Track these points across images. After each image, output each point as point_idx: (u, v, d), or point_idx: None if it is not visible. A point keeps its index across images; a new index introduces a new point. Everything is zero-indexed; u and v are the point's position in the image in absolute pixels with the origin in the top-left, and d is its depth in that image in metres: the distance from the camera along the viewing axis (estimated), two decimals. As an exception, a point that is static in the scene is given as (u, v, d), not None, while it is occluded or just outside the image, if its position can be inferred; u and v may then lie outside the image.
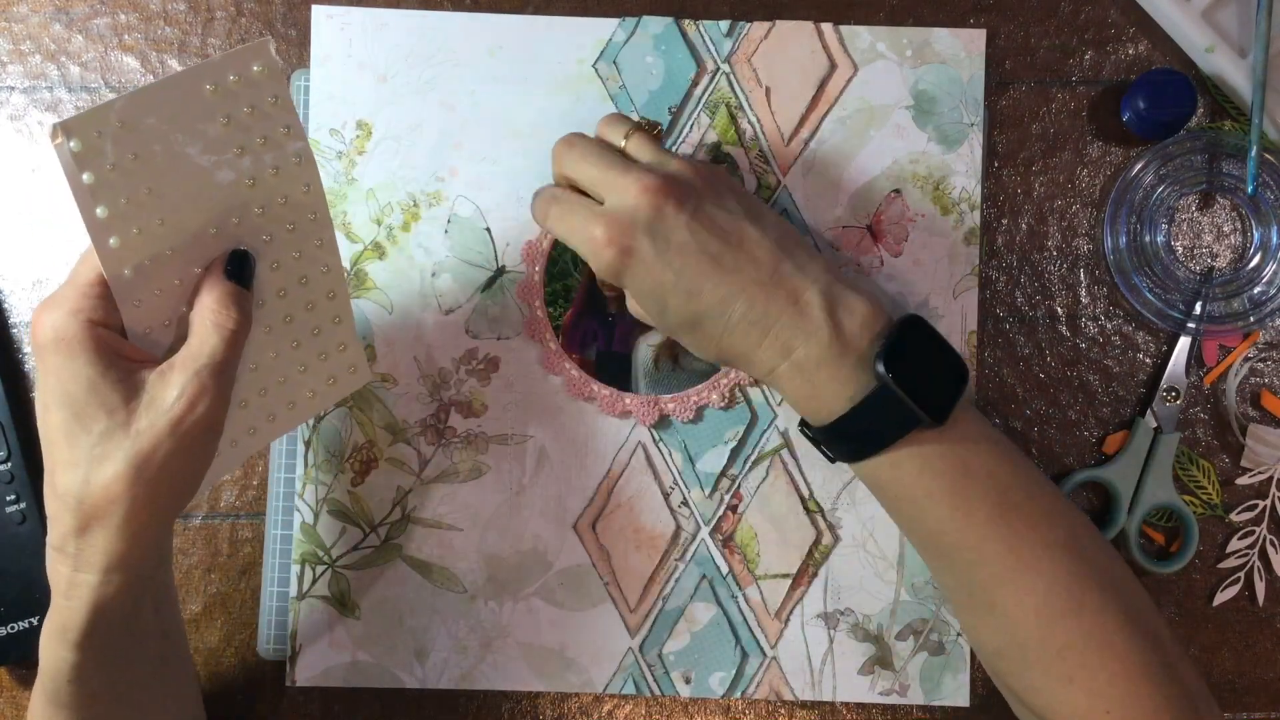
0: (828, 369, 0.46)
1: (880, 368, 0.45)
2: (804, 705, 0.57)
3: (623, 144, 0.50)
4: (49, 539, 0.43)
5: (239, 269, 0.45)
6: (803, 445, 0.57)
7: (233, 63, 0.43)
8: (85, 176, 0.41)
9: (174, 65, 0.58)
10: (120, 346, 0.42)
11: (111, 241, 0.42)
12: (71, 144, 0.41)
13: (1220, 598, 0.58)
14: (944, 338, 0.48)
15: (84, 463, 0.41)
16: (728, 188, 0.49)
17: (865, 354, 0.46)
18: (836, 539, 0.57)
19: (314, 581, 0.57)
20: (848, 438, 0.47)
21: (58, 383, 0.41)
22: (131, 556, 0.42)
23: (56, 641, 0.43)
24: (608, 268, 0.47)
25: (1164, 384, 0.57)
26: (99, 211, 0.41)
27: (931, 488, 0.46)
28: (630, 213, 0.46)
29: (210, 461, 0.44)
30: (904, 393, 0.45)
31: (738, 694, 0.57)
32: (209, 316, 0.43)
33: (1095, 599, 0.45)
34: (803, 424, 0.50)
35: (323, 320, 0.51)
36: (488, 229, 0.57)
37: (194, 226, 0.44)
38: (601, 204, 0.48)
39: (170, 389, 0.41)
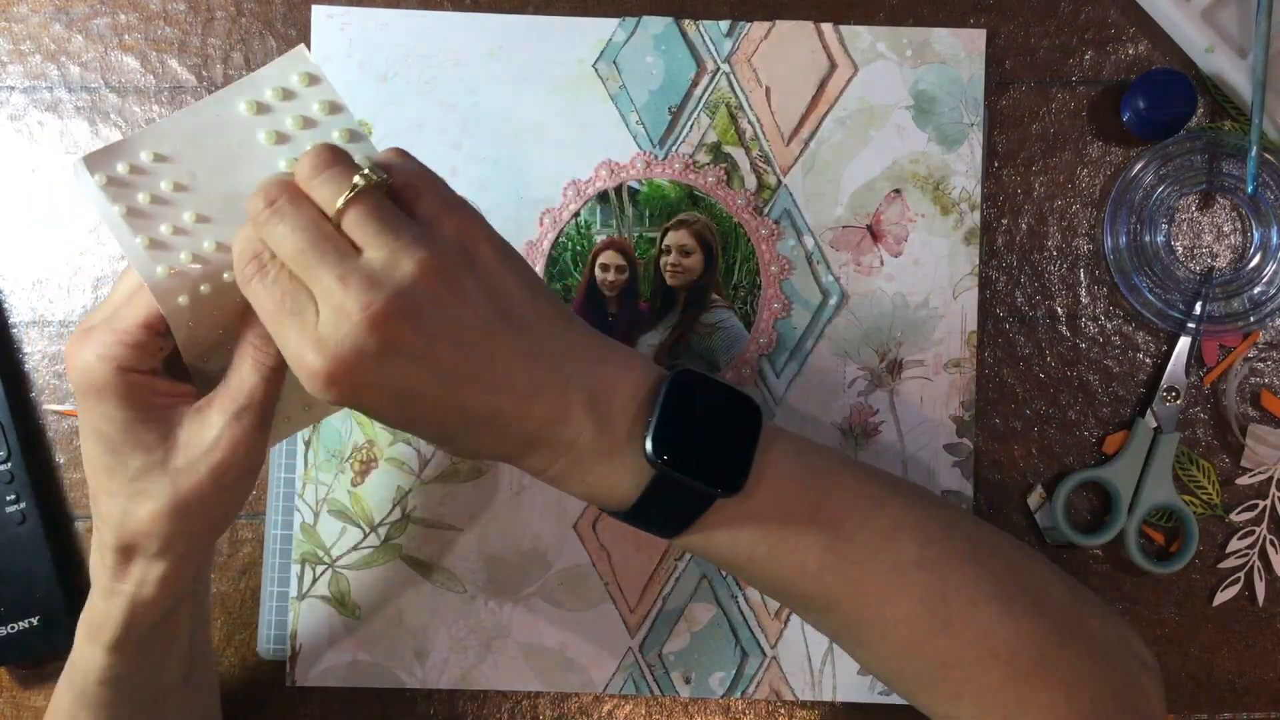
0: (600, 466, 0.40)
1: (649, 450, 0.39)
2: (804, 705, 0.57)
3: (338, 206, 0.38)
4: (94, 539, 0.43)
5: None
6: (803, 445, 0.57)
7: (269, 77, 0.42)
8: (117, 209, 0.40)
9: (174, 65, 0.58)
10: (154, 386, 0.41)
11: (159, 271, 0.40)
12: (96, 178, 0.40)
13: (1220, 598, 0.58)
14: (723, 382, 0.42)
15: (123, 495, 0.41)
16: (475, 277, 0.39)
17: (635, 438, 0.40)
18: (836, 539, 0.57)
19: (314, 581, 0.57)
20: (647, 523, 0.42)
21: (92, 421, 0.41)
22: (169, 578, 0.42)
23: (90, 641, 0.44)
24: (331, 401, 0.38)
25: (1164, 384, 0.57)
26: (138, 241, 0.40)
27: (753, 553, 0.41)
28: (352, 343, 0.36)
29: (249, 492, 0.44)
30: (686, 470, 0.39)
31: (738, 694, 0.57)
32: (249, 352, 0.41)
33: (962, 609, 0.41)
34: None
35: None
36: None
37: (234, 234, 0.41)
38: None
39: (208, 430, 0.40)
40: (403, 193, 0.39)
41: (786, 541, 0.41)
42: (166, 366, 0.42)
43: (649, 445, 0.39)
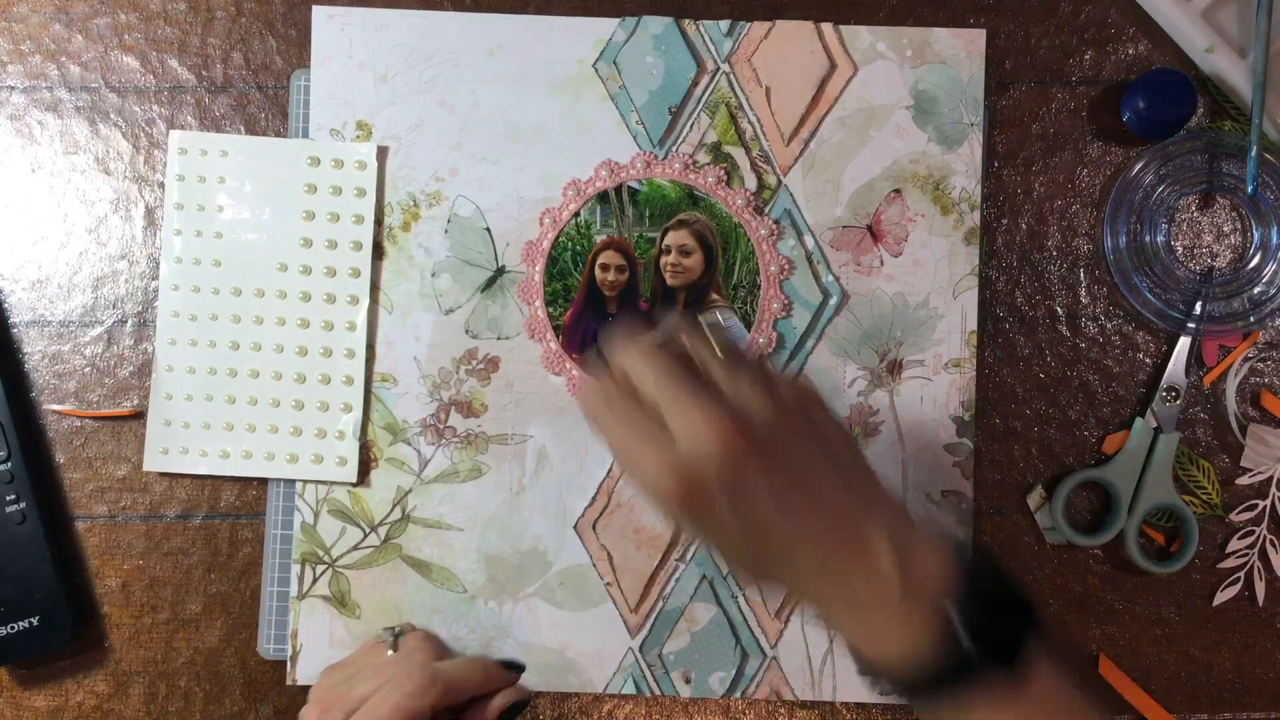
0: (889, 612, 0.42)
1: (952, 612, 0.42)
2: (804, 705, 0.57)
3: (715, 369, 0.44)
4: None
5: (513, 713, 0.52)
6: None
7: (335, 150, 0.57)
8: (177, 169, 0.56)
9: (174, 65, 0.58)
10: None
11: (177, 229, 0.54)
12: (179, 147, 0.55)
13: (1220, 598, 0.58)
14: (1013, 576, 0.44)
15: None
16: (807, 421, 0.44)
17: (934, 600, 0.42)
18: (836, 539, 0.57)
19: (314, 581, 0.57)
20: (909, 684, 0.43)
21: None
22: None
23: None
24: (673, 517, 0.42)
25: (1164, 384, 0.57)
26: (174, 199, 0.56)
27: None
28: (702, 459, 0.40)
29: None
30: (972, 639, 0.41)
31: (738, 694, 0.57)
32: None
33: None
34: (865, 668, 0.46)
35: (333, 398, 0.56)
36: (488, 229, 0.57)
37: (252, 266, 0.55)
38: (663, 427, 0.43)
39: None
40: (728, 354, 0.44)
41: None
42: None
43: (952, 607, 0.42)
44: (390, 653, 0.53)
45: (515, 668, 0.54)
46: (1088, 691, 0.45)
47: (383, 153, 0.57)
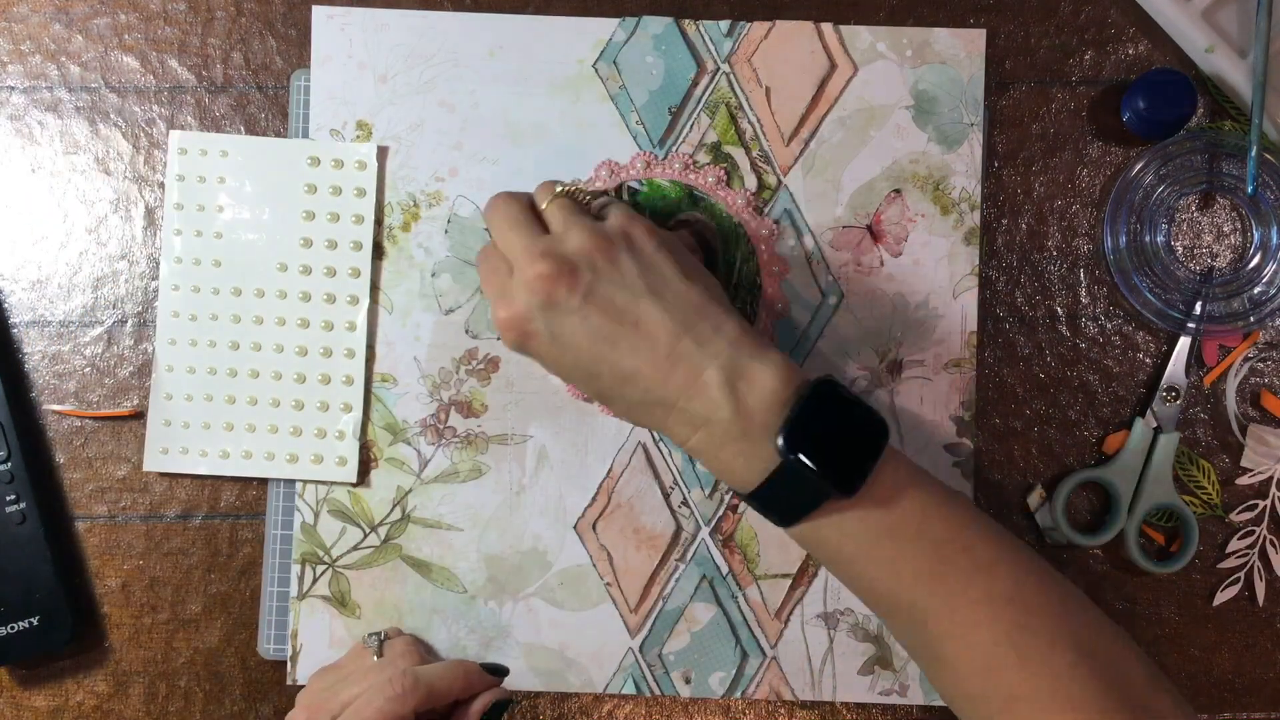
0: (732, 445, 0.45)
1: (781, 444, 0.44)
2: (804, 705, 0.57)
3: (542, 207, 0.49)
4: None
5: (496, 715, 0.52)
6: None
7: (335, 150, 0.56)
8: (177, 169, 0.55)
9: (174, 65, 0.58)
10: None
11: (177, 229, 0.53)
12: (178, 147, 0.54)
13: (1220, 598, 0.58)
14: (858, 398, 0.46)
15: None
16: (632, 256, 0.46)
17: (769, 428, 0.44)
18: (836, 539, 0.57)
19: (314, 581, 0.57)
20: (765, 506, 0.46)
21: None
22: None
23: None
24: (511, 346, 0.47)
25: (1164, 384, 0.57)
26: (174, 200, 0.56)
27: (855, 552, 0.46)
28: (525, 297, 0.45)
29: None
30: (813, 464, 0.43)
31: (738, 694, 0.57)
32: None
33: (1042, 648, 0.43)
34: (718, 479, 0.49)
35: (333, 398, 0.56)
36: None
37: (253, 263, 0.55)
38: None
39: None
40: (591, 206, 0.50)
41: (888, 548, 0.45)
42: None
43: (781, 440, 0.44)
44: (375, 658, 0.53)
45: (498, 672, 0.54)
46: (948, 496, 0.47)
47: (383, 153, 0.57)
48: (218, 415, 0.56)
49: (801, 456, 0.43)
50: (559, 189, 0.49)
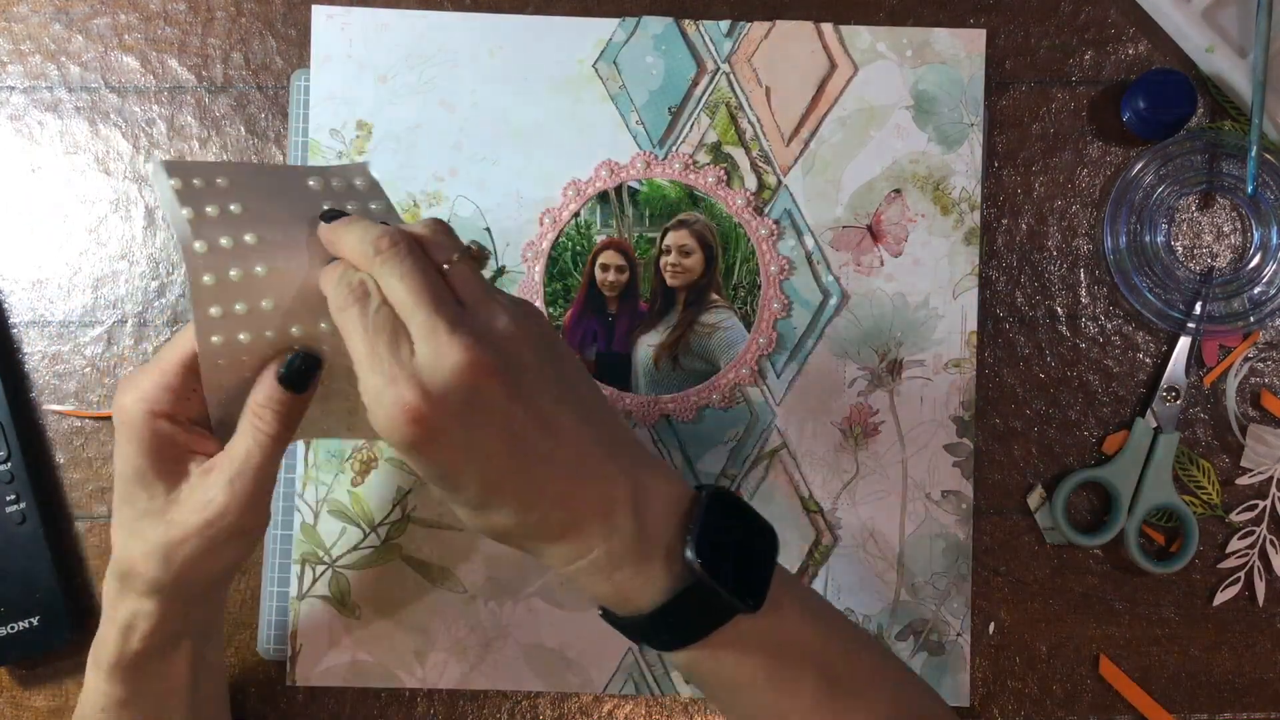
0: (630, 566, 0.40)
1: (690, 557, 0.40)
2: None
3: (445, 267, 0.40)
4: (110, 562, 0.45)
5: (294, 374, 0.42)
6: (803, 445, 0.57)
7: (337, 173, 0.45)
8: (185, 211, 0.41)
9: (174, 65, 0.58)
10: (175, 437, 0.43)
11: (206, 279, 0.41)
12: (172, 181, 0.41)
13: (1220, 598, 0.58)
14: (751, 506, 0.43)
15: (126, 529, 0.44)
16: (552, 354, 0.41)
17: (673, 545, 0.40)
18: (836, 539, 0.57)
19: (314, 581, 0.57)
20: (662, 629, 0.41)
21: (117, 457, 0.44)
22: (156, 617, 0.44)
23: (94, 665, 0.46)
24: (401, 441, 0.37)
25: (1164, 384, 0.57)
26: (197, 246, 0.40)
27: (754, 676, 0.42)
28: (444, 385, 0.36)
29: (248, 554, 0.46)
30: (718, 581, 0.39)
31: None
32: (250, 418, 0.42)
33: None
34: (603, 611, 0.43)
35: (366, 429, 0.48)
36: (488, 229, 0.57)
37: (286, 295, 0.42)
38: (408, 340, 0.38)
39: (208, 490, 0.42)
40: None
41: (787, 672, 0.42)
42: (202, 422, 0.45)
43: (690, 551, 0.40)
44: None
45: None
46: (833, 612, 0.46)
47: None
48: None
49: (707, 570, 0.39)
50: (465, 246, 0.41)
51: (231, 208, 0.41)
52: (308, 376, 0.43)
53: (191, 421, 0.44)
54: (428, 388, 0.36)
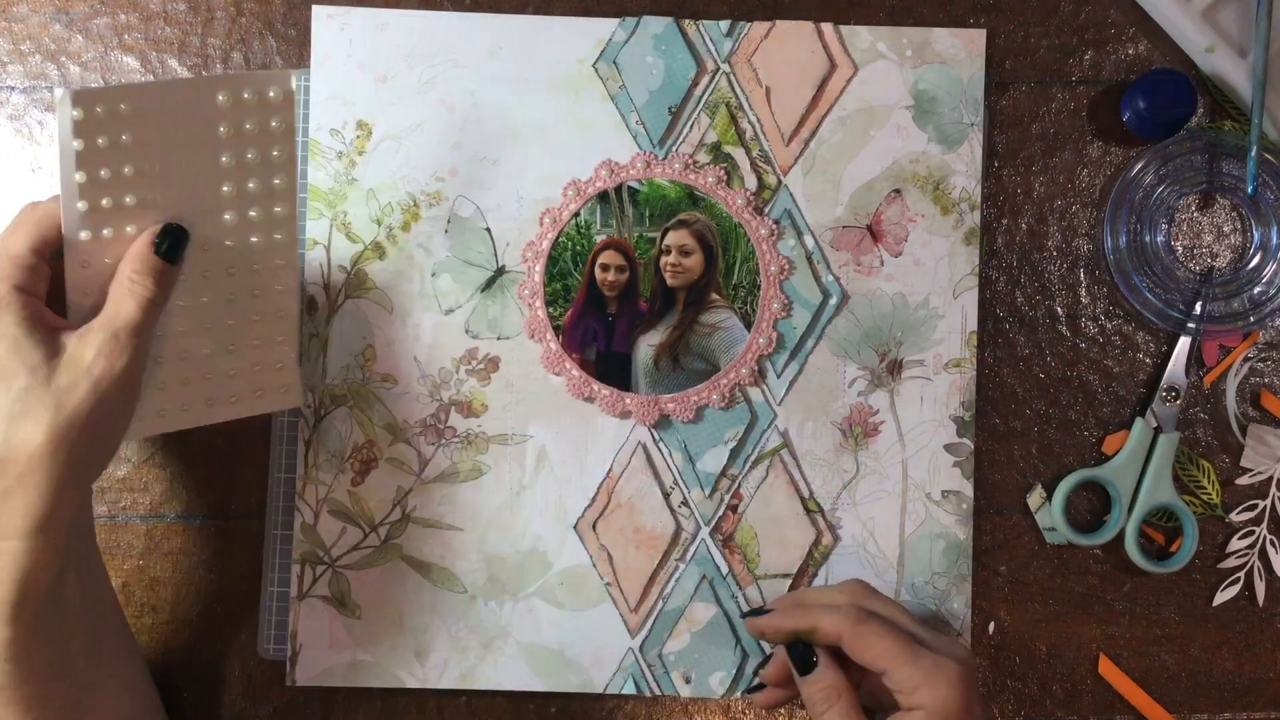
0: None
1: None
2: (804, 705, 0.57)
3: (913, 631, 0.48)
4: None
5: (169, 244, 0.47)
6: (803, 445, 0.57)
7: (251, 81, 0.48)
8: (76, 143, 0.45)
9: (174, 65, 0.58)
10: (43, 312, 0.45)
11: (79, 205, 0.46)
12: (74, 112, 0.44)
13: (1220, 598, 0.58)
14: None
15: (4, 420, 0.43)
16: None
17: None
18: (836, 539, 0.57)
19: (314, 581, 0.57)
20: None
21: None
22: (53, 518, 0.43)
23: None
24: (954, 709, 0.45)
25: (1164, 384, 0.57)
26: (77, 177, 0.45)
27: None
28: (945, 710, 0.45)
29: (128, 423, 0.47)
30: None
31: (738, 694, 0.57)
32: (126, 285, 0.46)
33: None
34: None
35: (265, 335, 0.53)
36: (488, 229, 0.57)
37: (165, 214, 0.48)
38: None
39: (89, 348, 0.44)
40: None
41: None
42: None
43: None
44: None
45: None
46: None
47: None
48: (149, 376, 0.50)
49: None
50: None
51: (123, 138, 0.46)
52: (179, 248, 0.47)
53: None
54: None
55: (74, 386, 0.43)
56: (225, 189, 0.49)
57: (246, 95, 0.47)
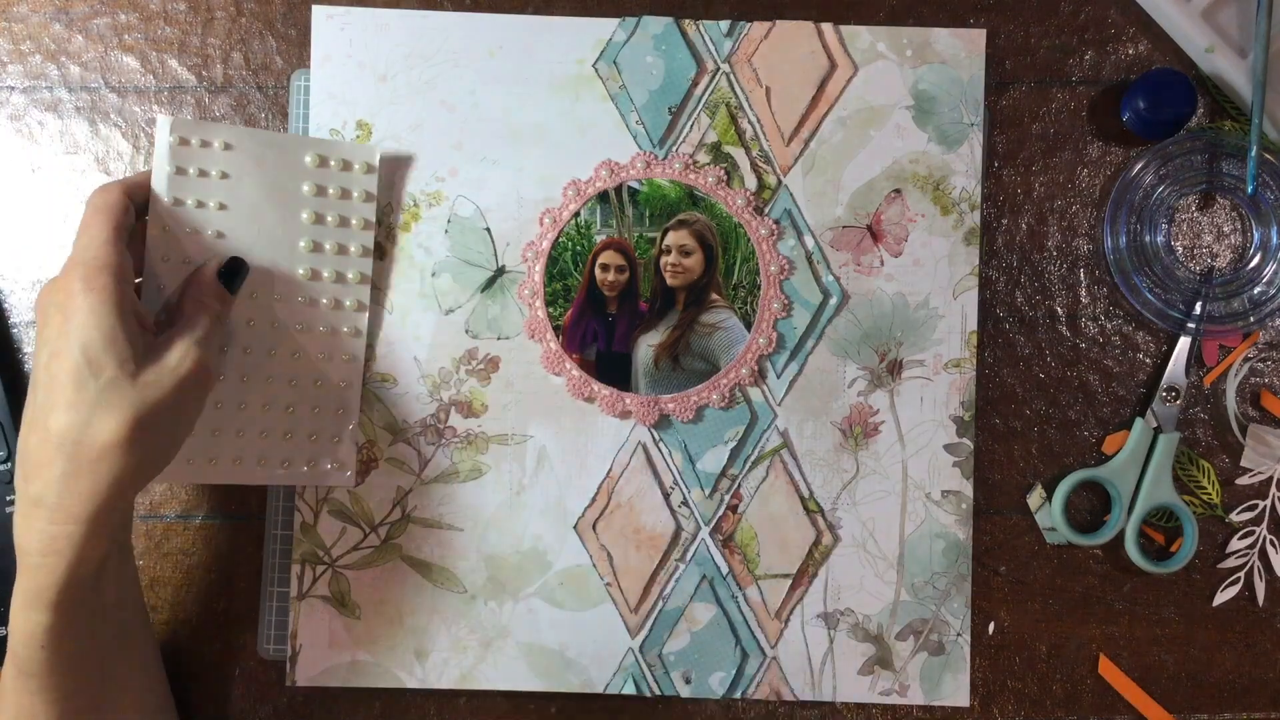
0: None
1: None
2: (804, 705, 0.57)
3: None
4: (23, 496, 0.44)
5: (230, 274, 0.51)
6: (803, 445, 0.57)
7: (341, 150, 0.55)
8: (169, 166, 0.51)
9: (174, 65, 0.58)
10: (137, 305, 0.47)
11: (165, 227, 0.51)
12: (172, 138, 0.51)
13: (1220, 598, 0.58)
14: None
15: (87, 407, 0.44)
16: None
17: None
18: (836, 539, 0.57)
19: (314, 581, 0.57)
20: None
21: (79, 326, 0.44)
22: (111, 509, 0.45)
23: (30, 605, 0.45)
24: None
25: (1164, 384, 0.57)
26: (165, 199, 0.51)
27: None
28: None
29: (191, 428, 0.49)
30: None
31: (738, 694, 0.57)
32: (195, 301, 0.49)
33: None
34: None
35: (325, 402, 0.55)
36: (488, 229, 0.57)
37: (242, 250, 0.53)
38: None
39: (174, 351, 0.46)
40: None
41: None
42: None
43: None
44: None
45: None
46: None
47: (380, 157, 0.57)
48: (208, 421, 0.53)
49: None
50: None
51: (213, 172, 0.52)
52: (238, 277, 0.52)
53: None
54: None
55: (160, 384, 0.45)
56: (302, 244, 0.54)
57: (333, 162, 0.54)
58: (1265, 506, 0.58)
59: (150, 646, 0.53)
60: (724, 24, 0.58)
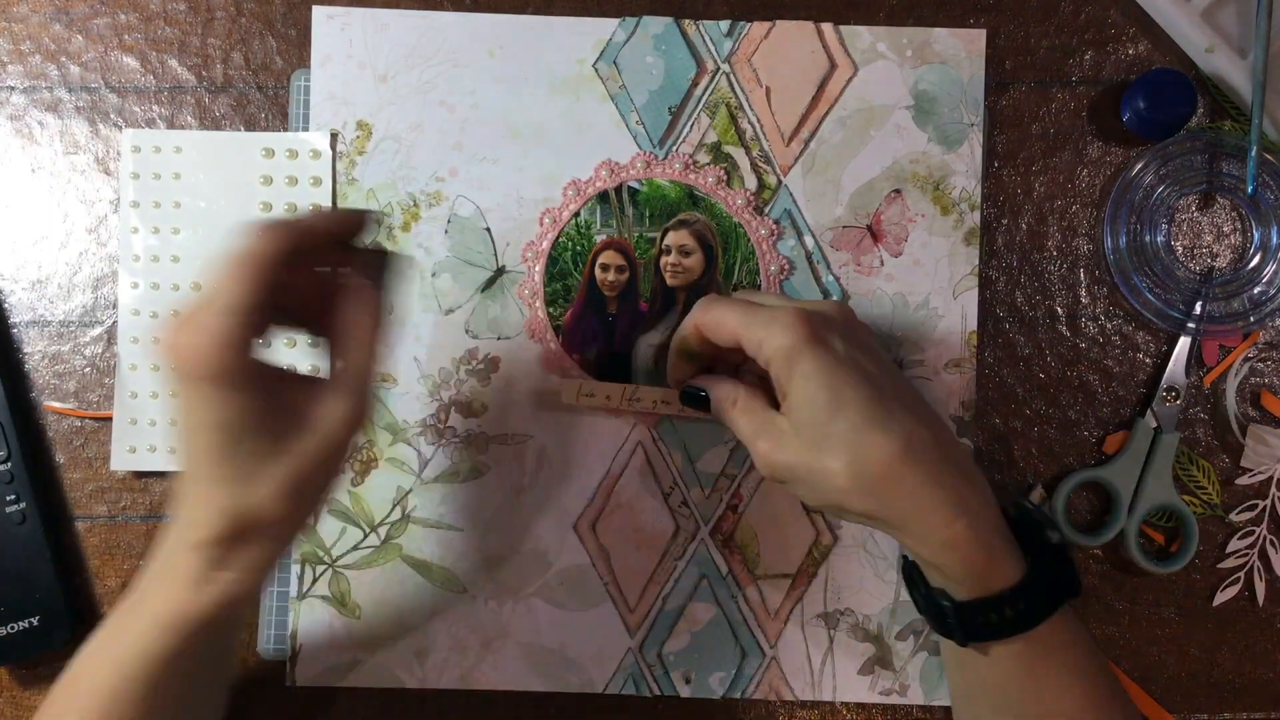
0: (1003, 532, 0.45)
1: (1055, 535, 0.45)
2: (804, 705, 0.57)
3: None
4: (183, 536, 0.42)
5: (377, 269, 0.47)
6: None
7: (286, 140, 0.56)
8: (131, 166, 0.55)
9: (174, 65, 0.58)
10: (265, 370, 0.41)
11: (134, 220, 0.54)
12: (133, 144, 0.54)
13: (1220, 598, 0.58)
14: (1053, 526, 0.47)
15: (240, 480, 0.40)
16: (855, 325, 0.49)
17: (1006, 532, 0.45)
18: (836, 539, 0.57)
19: (314, 581, 0.57)
20: (1003, 611, 0.44)
21: (209, 411, 0.39)
22: (271, 564, 0.43)
23: (165, 628, 0.42)
24: (794, 343, 0.44)
25: (1164, 384, 0.57)
26: (133, 197, 0.55)
27: (1046, 675, 0.45)
28: (813, 317, 0.46)
29: (342, 470, 0.47)
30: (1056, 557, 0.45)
31: (738, 694, 0.57)
32: (353, 335, 0.44)
33: None
34: (930, 600, 0.47)
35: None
36: (488, 229, 0.57)
37: (208, 246, 0.55)
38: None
39: (334, 403, 0.42)
40: None
41: (1068, 677, 0.45)
42: None
43: (1055, 533, 0.46)
44: None
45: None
46: (1098, 651, 0.47)
47: (334, 139, 0.57)
48: None
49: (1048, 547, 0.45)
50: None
51: (172, 173, 0.55)
52: (386, 269, 0.47)
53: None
54: (805, 312, 0.47)
55: (314, 451, 0.42)
56: None
57: (280, 152, 0.55)
58: (1265, 506, 0.58)
59: (226, 693, 0.51)
60: (724, 24, 0.58)
